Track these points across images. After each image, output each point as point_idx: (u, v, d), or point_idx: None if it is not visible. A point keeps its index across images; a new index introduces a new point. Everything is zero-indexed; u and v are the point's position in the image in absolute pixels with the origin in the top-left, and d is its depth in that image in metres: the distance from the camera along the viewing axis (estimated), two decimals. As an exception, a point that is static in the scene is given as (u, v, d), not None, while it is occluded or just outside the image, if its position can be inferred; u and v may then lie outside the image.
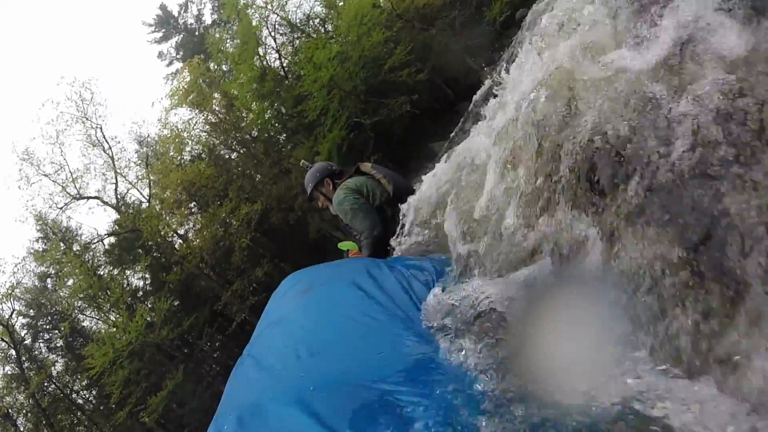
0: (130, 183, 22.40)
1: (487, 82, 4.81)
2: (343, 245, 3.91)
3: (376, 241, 3.20)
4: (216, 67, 24.03)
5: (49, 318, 23.51)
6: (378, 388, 1.49)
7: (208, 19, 30.46)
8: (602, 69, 1.58)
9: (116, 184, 21.93)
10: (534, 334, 1.53)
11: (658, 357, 1.25)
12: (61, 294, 21.78)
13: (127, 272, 23.43)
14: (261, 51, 21.55)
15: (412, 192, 3.29)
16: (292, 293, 2.28)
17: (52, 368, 22.19)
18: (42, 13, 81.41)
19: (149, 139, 23.80)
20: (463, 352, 1.58)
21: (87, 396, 23.61)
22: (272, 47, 22.12)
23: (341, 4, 20.94)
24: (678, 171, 1.26)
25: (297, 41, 22.48)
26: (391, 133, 18.29)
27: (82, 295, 20.68)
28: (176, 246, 22.43)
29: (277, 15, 21.19)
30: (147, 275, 23.64)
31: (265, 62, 21.84)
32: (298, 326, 1.90)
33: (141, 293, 23.75)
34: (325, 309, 1.94)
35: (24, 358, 21.04)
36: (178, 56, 30.69)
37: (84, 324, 23.14)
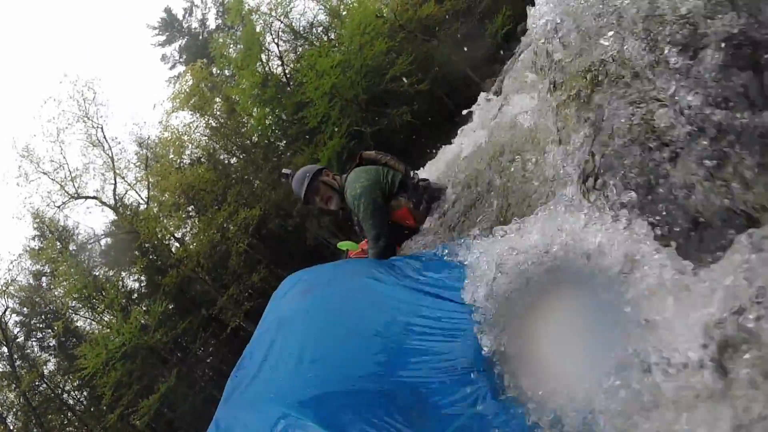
0: (128, 184, 22.37)
1: (482, 96, 4.89)
2: (343, 245, 3.90)
3: (381, 252, 3.16)
4: (218, 71, 24.11)
5: (43, 317, 23.39)
6: (379, 392, 1.50)
7: (212, 23, 30.65)
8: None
9: (115, 184, 21.91)
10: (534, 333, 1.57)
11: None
12: (56, 293, 21.70)
13: (123, 274, 23.36)
14: (264, 57, 21.66)
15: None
16: (293, 294, 2.29)
17: (44, 367, 22.06)
18: (46, 11, 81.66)
19: (149, 141, 23.79)
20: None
21: (78, 397, 23.44)
22: (275, 54, 22.23)
23: (345, 13, 21.05)
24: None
25: (300, 48, 22.59)
26: (392, 142, 18.35)
27: (76, 295, 20.59)
28: (173, 249, 22.37)
29: (281, 22, 21.31)
30: (142, 277, 23.57)
31: (267, 68, 21.94)
32: (300, 330, 1.91)
33: (136, 295, 23.65)
34: (326, 313, 1.95)
35: (16, 356, 20.91)
36: (181, 60, 30.78)
37: (77, 324, 23.01)
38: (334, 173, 3.69)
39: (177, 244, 22.54)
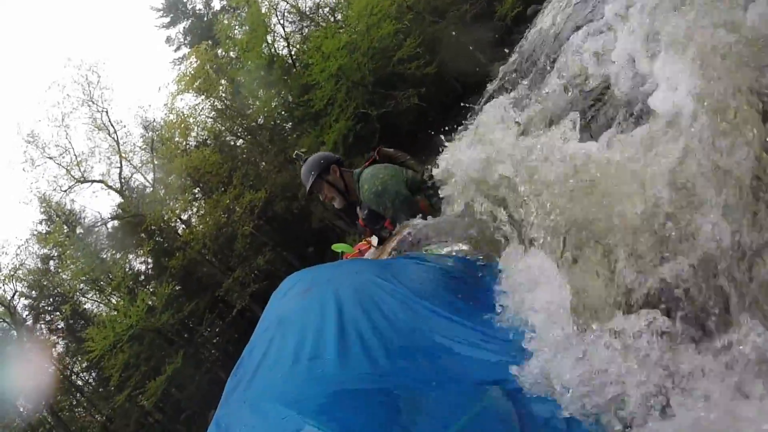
0: (134, 167, 22.41)
1: (498, 78, 4.77)
2: (338, 247, 3.81)
3: None
4: (224, 53, 23.95)
5: (51, 300, 23.60)
6: (380, 391, 1.46)
7: (216, 4, 30.35)
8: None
9: (121, 168, 21.90)
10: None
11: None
12: (63, 276, 21.84)
13: (130, 256, 23.50)
14: (269, 38, 21.49)
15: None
16: (293, 293, 2.25)
17: (53, 350, 22.32)
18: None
19: (155, 124, 23.77)
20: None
21: (86, 378, 23.77)
22: (281, 35, 22.05)
23: (352, -7, 20.83)
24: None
25: (306, 30, 22.42)
26: (398, 125, 18.23)
27: (84, 278, 20.75)
28: (179, 231, 22.46)
29: (287, 2, 21.14)
30: (149, 260, 23.73)
31: (273, 50, 21.77)
32: (298, 328, 1.87)
33: (143, 277, 23.84)
34: (325, 311, 1.91)
35: (25, 339, 21.15)
36: (186, 42, 30.57)
37: (85, 307, 23.26)
38: (345, 169, 3.50)
39: (183, 227, 22.63)
